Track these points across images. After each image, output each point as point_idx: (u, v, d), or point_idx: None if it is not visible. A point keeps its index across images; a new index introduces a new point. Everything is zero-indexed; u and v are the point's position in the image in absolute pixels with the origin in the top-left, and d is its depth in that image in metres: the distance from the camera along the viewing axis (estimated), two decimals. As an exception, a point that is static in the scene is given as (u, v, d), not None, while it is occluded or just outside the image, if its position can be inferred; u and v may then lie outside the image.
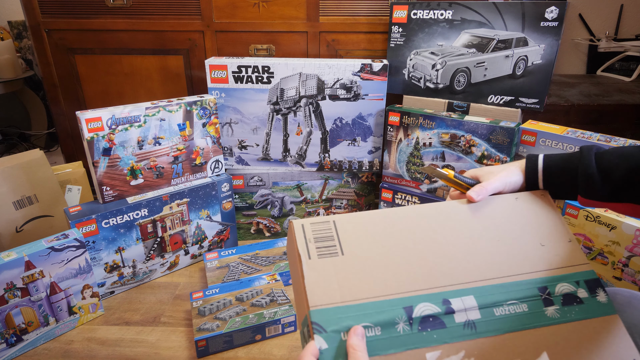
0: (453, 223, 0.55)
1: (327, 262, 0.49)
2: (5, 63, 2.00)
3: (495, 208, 0.57)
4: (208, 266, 1.25)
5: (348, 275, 0.48)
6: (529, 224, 0.56)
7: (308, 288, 0.46)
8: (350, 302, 0.46)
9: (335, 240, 0.51)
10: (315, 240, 0.50)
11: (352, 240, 0.51)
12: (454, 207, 0.56)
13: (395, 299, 0.48)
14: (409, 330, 0.46)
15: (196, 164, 1.31)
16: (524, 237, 0.55)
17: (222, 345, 1.03)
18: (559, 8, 1.12)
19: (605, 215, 1.00)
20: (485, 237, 0.54)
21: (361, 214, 0.54)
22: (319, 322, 0.45)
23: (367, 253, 0.50)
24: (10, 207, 1.23)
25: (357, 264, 0.49)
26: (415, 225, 0.54)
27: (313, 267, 0.48)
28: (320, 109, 1.35)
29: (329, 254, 0.49)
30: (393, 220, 0.54)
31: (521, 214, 0.57)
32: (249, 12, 1.43)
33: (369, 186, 1.47)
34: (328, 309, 0.46)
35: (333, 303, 0.46)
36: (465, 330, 0.48)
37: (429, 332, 0.47)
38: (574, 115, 1.53)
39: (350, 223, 0.52)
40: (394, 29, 1.33)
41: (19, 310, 1.00)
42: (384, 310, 0.47)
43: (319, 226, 0.51)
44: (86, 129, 1.10)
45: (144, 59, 1.50)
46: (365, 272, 0.49)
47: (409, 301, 0.48)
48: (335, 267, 0.48)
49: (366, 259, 0.50)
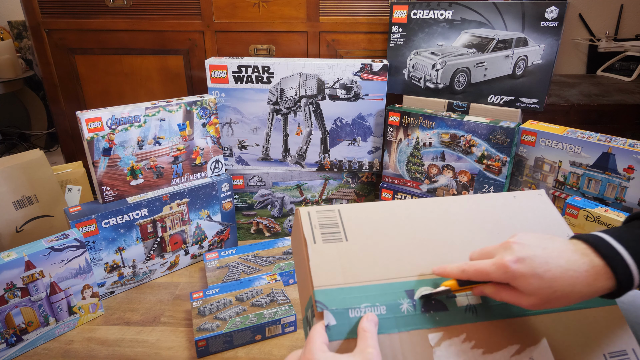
0: (452, 216, 0.56)
1: (331, 246, 0.50)
2: (5, 63, 2.00)
3: (494, 204, 0.58)
4: (208, 266, 1.25)
5: (351, 259, 0.50)
6: (527, 219, 0.57)
7: (313, 270, 0.48)
8: (353, 284, 0.48)
9: (340, 227, 0.52)
10: (320, 227, 0.52)
11: (355, 228, 0.52)
12: (454, 201, 0.58)
13: (397, 282, 0.49)
14: (412, 311, 0.48)
15: (196, 164, 1.31)
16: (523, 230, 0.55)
17: (222, 345, 1.03)
18: (559, 8, 1.12)
19: (605, 215, 1.00)
20: (484, 229, 0.55)
21: (365, 204, 0.56)
22: (322, 301, 0.46)
23: (370, 240, 0.52)
24: (10, 207, 1.23)
25: (360, 249, 0.51)
26: (417, 216, 0.55)
27: (318, 251, 0.50)
28: (320, 109, 1.35)
29: (333, 240, 0.51)
30: (395, 211, 0.55)
31: (520, 210, 0.58)
32: (249, 12, 1.43)
33: (369, 186, 1.47)
34: (332, 289, 0.47)
35: (336, 284, 0.47)
36: (466, 314, 0.49)
37: (432, 314, 0.48)
38: (574, 115, 1.53)
39: (354, 212, 0.54)
40: (394, 29, 1.33)
41: (19, 310, 1.00)
42: (386, 292, 0.48)
43: (324, 214, 0.53)
44: (86, 129, 1.10)
45: (144, 59, 1.50)
46: (368, 257, 0.50)
47: (410, 285, 0.49)
48: (339, 251, 0.50)
49: (369, 245, 0.51)
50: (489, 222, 0.56)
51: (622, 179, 1.05)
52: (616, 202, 1.07)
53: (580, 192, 1.12)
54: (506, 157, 1.17)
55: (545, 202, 0.59)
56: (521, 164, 1.20)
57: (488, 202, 0.58)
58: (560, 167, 1.14)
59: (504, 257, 0.44)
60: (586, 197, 1.10)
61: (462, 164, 1.24)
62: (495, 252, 0.46)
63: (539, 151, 1.16)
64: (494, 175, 1.20)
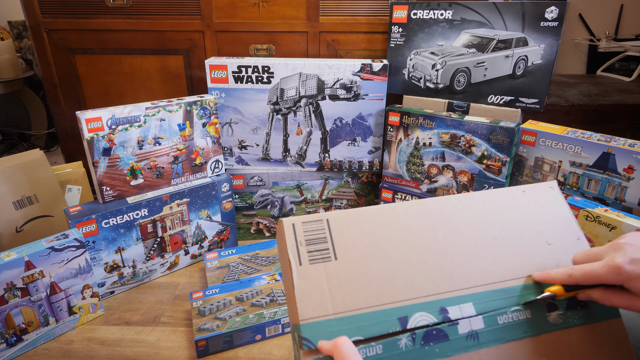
0: (455, 220, 0.52)
1: (318, 268, 0.46)
2: (5, 63, 2.00)
3: (501, 202, 0.54)
4: (208, 266, 1.25)
5: (341, 283, 0.46)
6: (536, 221, 0.54)
7: (298, 299, 0.44)
8: (342, 314, 0.44)
9: (329, 242, 0.48)
10: (307, 243, 0.47)
11: (346, 242, 0.48)
12: (457, 201, 0.54)
13: (390, 309, 0.46)
14: (411, 346, 0.45)
15: (196, 164, 1.31)
16: (530, 235, 0.53)
17: (222, 345, 1.03)
18: (559, 8, 1.12)
19: (605, 215, 1.00)
20: (489, 235, 0.52)
21: (357, 211, 0.50)
22: (309, 338, 0.43)
23: (361, 256, 0.48)
24: (10, 207, 1.23)
25: (351, 270, 0.47)
26: (415, 223, 0.51)
27: (304, 274, 0.45)
28: (320, 109, 1.35)
29: (321, 259, 0.47)
30: (391, 217, 0.51)
31: (528, 208, 0.54)
32: (249, 12, 1.43)
33: (369, 186, 1.47)
34: (319, 322, 0.44)
35: (324, 315, 0.44)
36: (467, 342, 0.46)
37: (432, 347, 0.45)
38: (574, 115, 1.53)
39: (344, 222, 0.49)
40: (394, 29, 1.33)
41: (19, 310, 1.00)
42: (377, 322, 0.45)
43: (311, 226, 0.48)
44: (86, 129, 1.10)
45: (144, 59, 1.50)
46: (359, 279, 0.46)
47: (404, 311, 0.46)
48: (328, 274, 0.46)
49: (360, 264, 0.47)
50: (495, 227, 0.52)
51: (622, 179, 1.05)
52: (616, 202, 1.07)
53: (580, 192, 1.12)
54: (506, 157, 1.17)
55: (557, 198, 0.55)
56: (521, 164, 1.20)
57: (494, 200, 0.54)
58: (560, 167, 1.14)
59: (615, 259, 0.43)
60: (586, 197, 1.10)
61: (462, 164, 1.24)
62: (604, 254, 0.45)
63: (539, 151, 1.16)
64: (494, 175, 1.20)
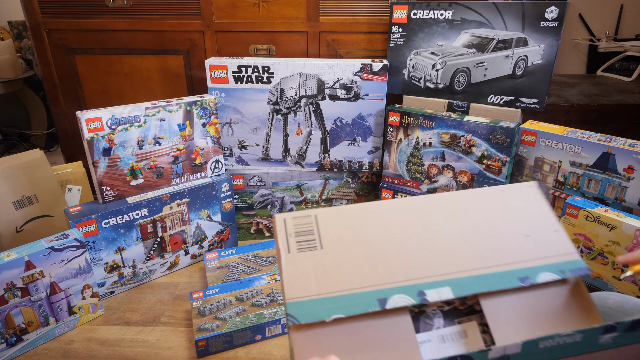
0: (435, 215, 0.55)
1: (305, 255, 0.50)
2: (5, 63, 2.00)
3: (480, 200, 0.57)
4: (208, 266, 1.25)
5: (325, 268, 0.50)
6: (513, 216, 0.56)
7: (285, 282, 0.48)
8: (325, 295, 0.48)
9: (316, 234, 0.52)
10: (296, 235, 0.52)
11: (331, 234, 0.52)
12: (439, 198, 0.57)
13: (370, 291, 0.49)
14: None
15: (196, 164, 1.31)
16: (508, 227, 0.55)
17: (222, 345, 1.03)
18: (559, 8, 1.12)
19: (605, 216, 1.00)
20: (467, 227, 0.54)
21: (344, 207, 0.55)
22: (294, 314, 0.46)
23: (346, 246, 0.52)
24: (10, 207, 1.23)
25: (335, 257, 0.51)
26: (397, 217, 0.55)
27: (292, 261, 0.50)
28: (320, 109, 1.35)
29: (308, 248, 0.51)
30: (375, 213, 0.55)
31: (506, 205, 0.57)
32: (249, 12, 1.43)
33: (369, 186, 1.47)
34: (304, 301, 0.47)
35: (309, 296, 0.48)
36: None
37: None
38: (574, 115, 1.53)
39: (331, 217, 0.54)
40: (394, 29, 1.33)
41: (19, 310, 1.00)
42: (358, 302, 0.48)
43: (300, 220, 0.53)
44: (86, 129, 1.10)
45: (144, 59, 1.50)
46: (342, 265, 0.50)
47: (384, 293, 0.49)
48: (314, 260, 0.50)
49: (344, 253, 0.51)
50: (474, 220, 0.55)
51: (622, 179, 1.05)
52: (616, 202, 1.07)
53: (580, 192, 1.12)
54: (506, 157, 1.17)
55: (535, 195, 0.58)
56: (521, 164, 1.20)
57: (474, 197, 0.57)
58: (560, 167, 1.14)
59: None
60: (586, 197, 1.10)
61: (462, 164, 1.24)
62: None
63: (539, 151, 1.16)
64: (494, 175, 1.20)
